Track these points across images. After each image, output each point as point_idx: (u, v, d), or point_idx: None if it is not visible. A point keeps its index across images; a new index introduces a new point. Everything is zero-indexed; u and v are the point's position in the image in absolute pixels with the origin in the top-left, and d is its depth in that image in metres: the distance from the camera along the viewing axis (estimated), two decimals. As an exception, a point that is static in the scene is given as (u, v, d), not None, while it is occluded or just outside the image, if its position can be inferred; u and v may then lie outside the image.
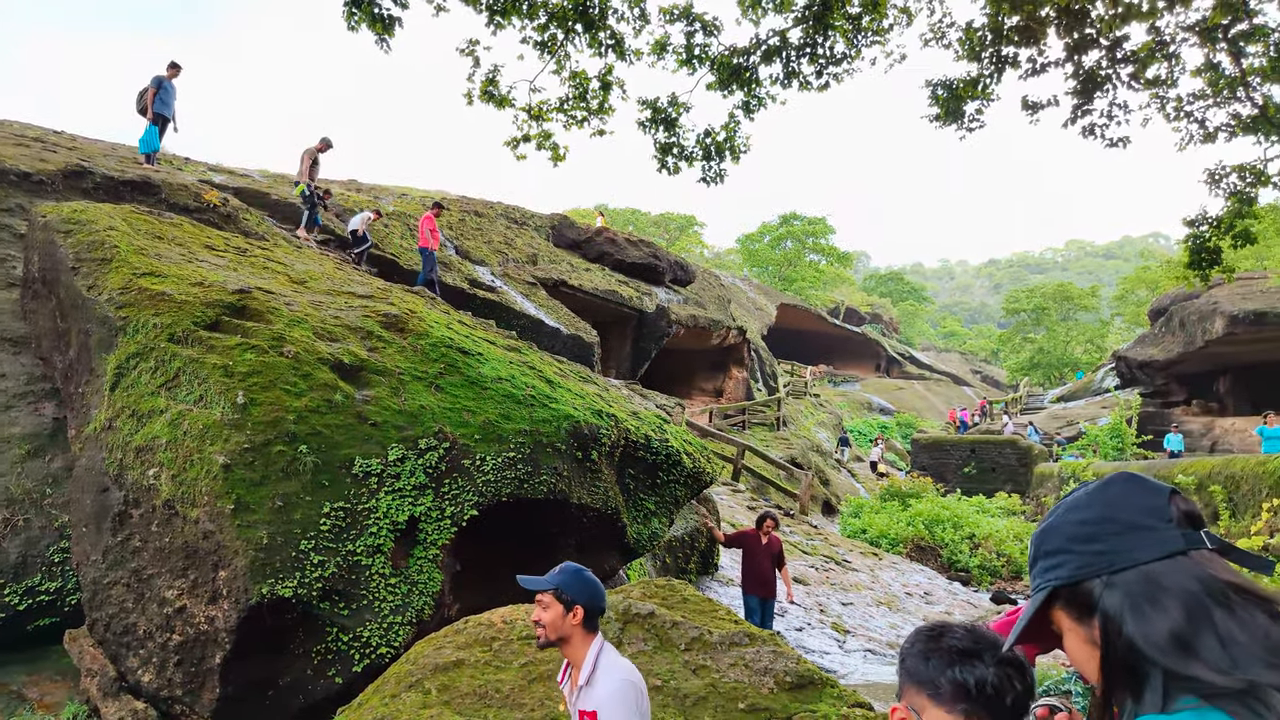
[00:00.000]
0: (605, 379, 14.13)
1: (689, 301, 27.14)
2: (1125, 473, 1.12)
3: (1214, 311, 24.63)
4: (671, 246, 54.04)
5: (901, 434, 37.65)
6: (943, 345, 71.35)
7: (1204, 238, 10.85)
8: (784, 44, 10.61)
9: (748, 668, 4.77)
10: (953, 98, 10.87)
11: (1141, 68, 10.83)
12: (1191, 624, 0.93)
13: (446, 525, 6.09)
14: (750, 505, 17.70)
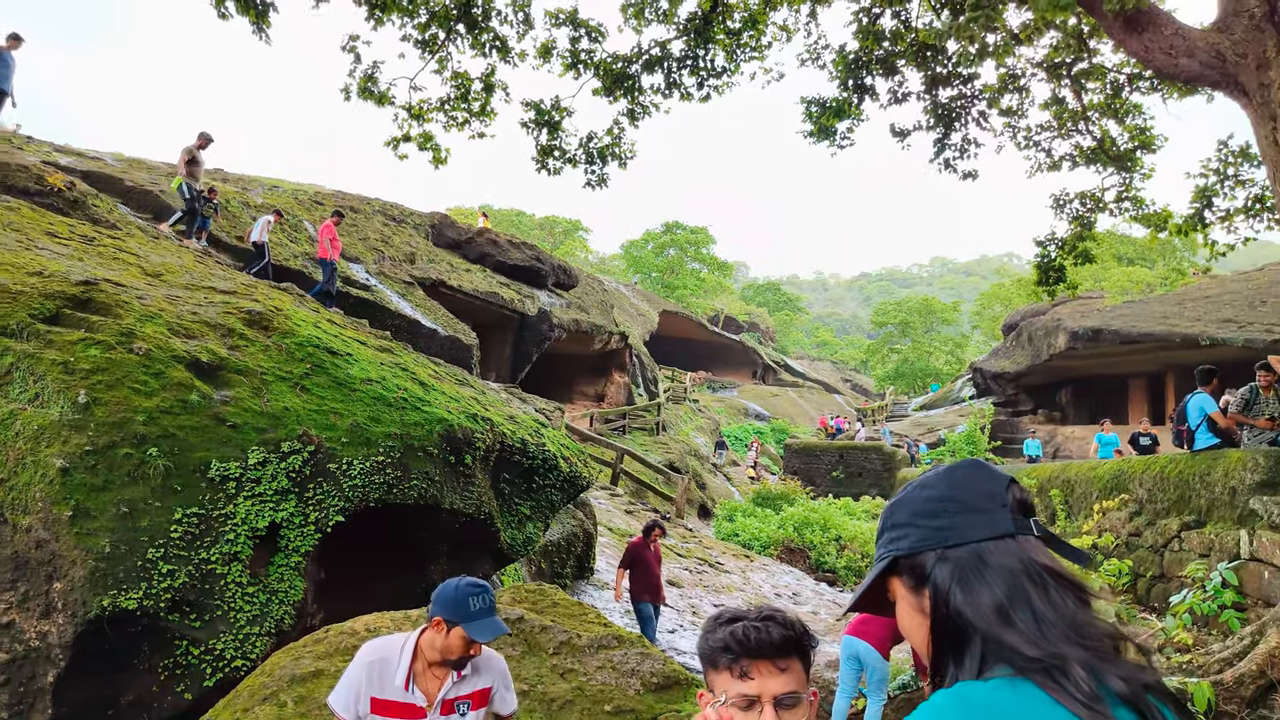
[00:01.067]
0: (484, 382, 13.95)
1: (572, 306, 27.13)
2: (973, 459, 1.21)
3: (1057, 328, 26.58)
4: (556, 250, 53.89)
5: (775, 439, 38.79)
6: (816, 354, 73.96)
7: (1051, 257, 11.68)
8: (666, 55, 10.80)
9: (615, 670, 4.82)
10: (825, 116, 11.31)
11: (995, 99, 11.56)
12: (1011, 600, 1.00)
13: (310, 531, 5.87)
14: (628, 509, 17.84)
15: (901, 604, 1.15)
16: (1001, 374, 31.51)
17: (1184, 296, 26.99)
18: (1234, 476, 7.45)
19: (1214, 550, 7.37)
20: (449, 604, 2.69)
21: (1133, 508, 9.19)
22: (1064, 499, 11.12)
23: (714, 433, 35.21)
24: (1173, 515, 8.34)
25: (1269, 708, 5.56)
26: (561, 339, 25.22)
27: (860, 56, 10.80)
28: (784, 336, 71.86)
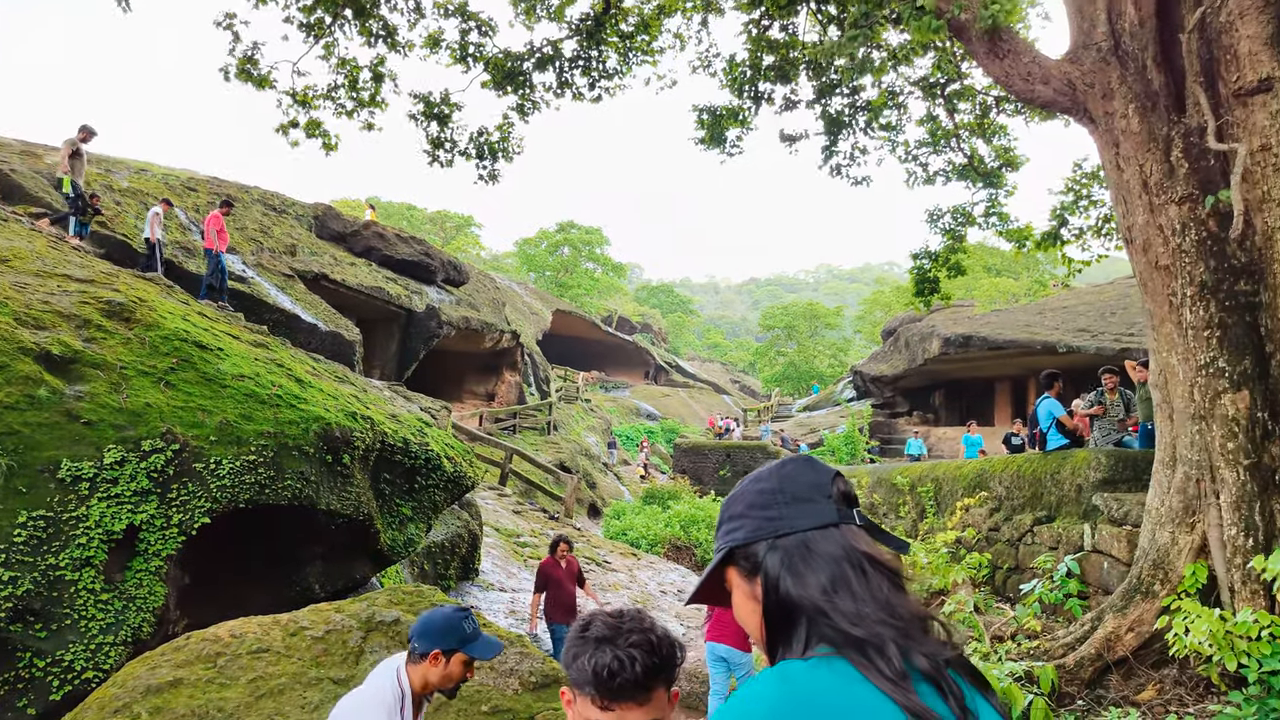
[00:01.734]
0: (366, 380, 13.58)
1: (462, 303, 26.70)
2: (802, 455, 1.28)
3: (931, 334, 27.94)
4: (447, 246, 52.87)
5: (666, 439, 39.26)
6: (707, 356, 75.22)
7: (926, 269, 12.23)
8: (558, 53, 10.78)
9: (493, 670, 4.80)
10: (716, 124, 11.53)
11: (876, 114, 12.05)
12: (833, 584, 1.08)
13: (173, 534, 5.60)
14: (516, 509, 17.70)
15: (737, 592, 1.21)
16: (880, 377, 32.87)
17: (1044, 307, 28.85)
18: (1080, 475, 8.05)
19: (1062, 543, 7.94)
20: (442, 633, 2.67)
21: (993, 504, 9.79)
22: (933, 496, 11.72)
23: (606, 432, 35.35)
24: (1027, 511, 8.93)
25: (1105, 688, 6.03)
26: (451, 336, 24.79)
27: (752, 65, 11.08)
28: (676, 338, 72.80)
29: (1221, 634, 5.22)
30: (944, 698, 1.01)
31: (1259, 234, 5.93)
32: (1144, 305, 6.69)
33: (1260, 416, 5.73)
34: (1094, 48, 6.72)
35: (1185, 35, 6.26)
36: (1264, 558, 5.34)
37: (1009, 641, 6.80)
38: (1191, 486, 6.05)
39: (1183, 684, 5.76)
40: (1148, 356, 7.09)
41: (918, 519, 11.94)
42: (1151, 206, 6.34)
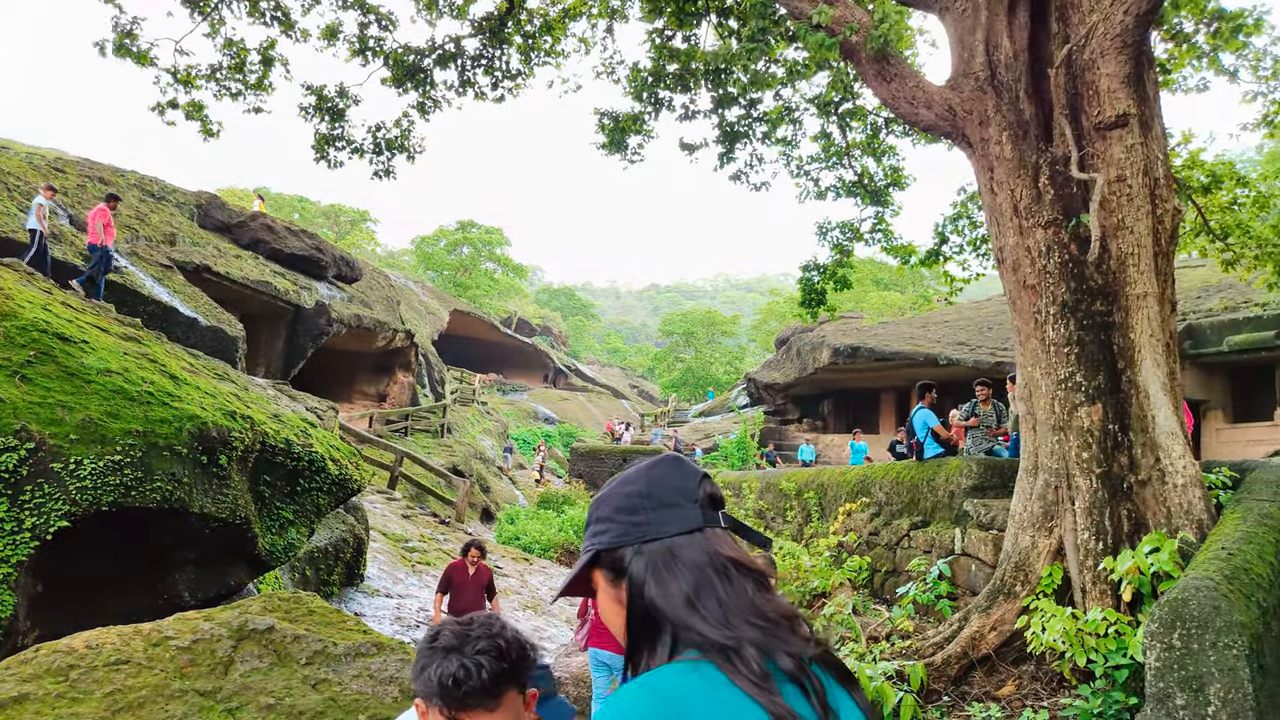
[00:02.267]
0: (249, 377, 13.03)
1: (354, 300, 25.93)
2: (671, 455, 1.28)
3: (822, 344, 28.85)
4: (341, 241, 51.28)
5: (563, 443, 39.14)
6: (606, 360, 75.43)
7: (814, 281, 12.58)
8: (460, 51, 10.64)
9: (373, 678, 4.68)
10: (618, 129, 11.59)
11: (773, 128, 12.36)
12: (698, 589, 1.09)
13: (25, 539, 5.23)
14: (406, 514, 17.30)
15: (602, 595, 1.21)
16: (772, 384, 33.70)
17: (928, 321, 30.21)
18: (953, 482, 8.47)
19: (935, 546, 8.33)
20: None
21: (873, 509, 10.18)
22: (818, 501, 12.09)
23: (502, 436, 34.96)
24: (905, 516, 9.33)
25: (969, 684, 6.35)
26: (341, 335, 24.04)
27: (654, 73, 11.19)
28: (576, 341, 72.72)
29: (1073, 631, 5.58)
30: (807, 696, 1.04)
31: (1114, 258, 6.38)
32: (1013, 322, 7.10)
33: (1111, 428, 6.16)
34: (972, 77, 7.10)
35: (1053, 70, 6.69)
36: (1112, 559, 5.74)
37: (884, 642, 7.08)
38: (1051, 493, 6.45)
39: (1039, 679, 6.12)
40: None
41: (803, 523, 12.29)
42: (1021, 229, 6.74)
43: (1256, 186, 11.86)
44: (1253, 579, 4.44)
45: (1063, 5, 6.88)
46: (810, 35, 6.95)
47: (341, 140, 11.01)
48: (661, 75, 11.11)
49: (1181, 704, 3.95)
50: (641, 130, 11.53)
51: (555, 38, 11.57)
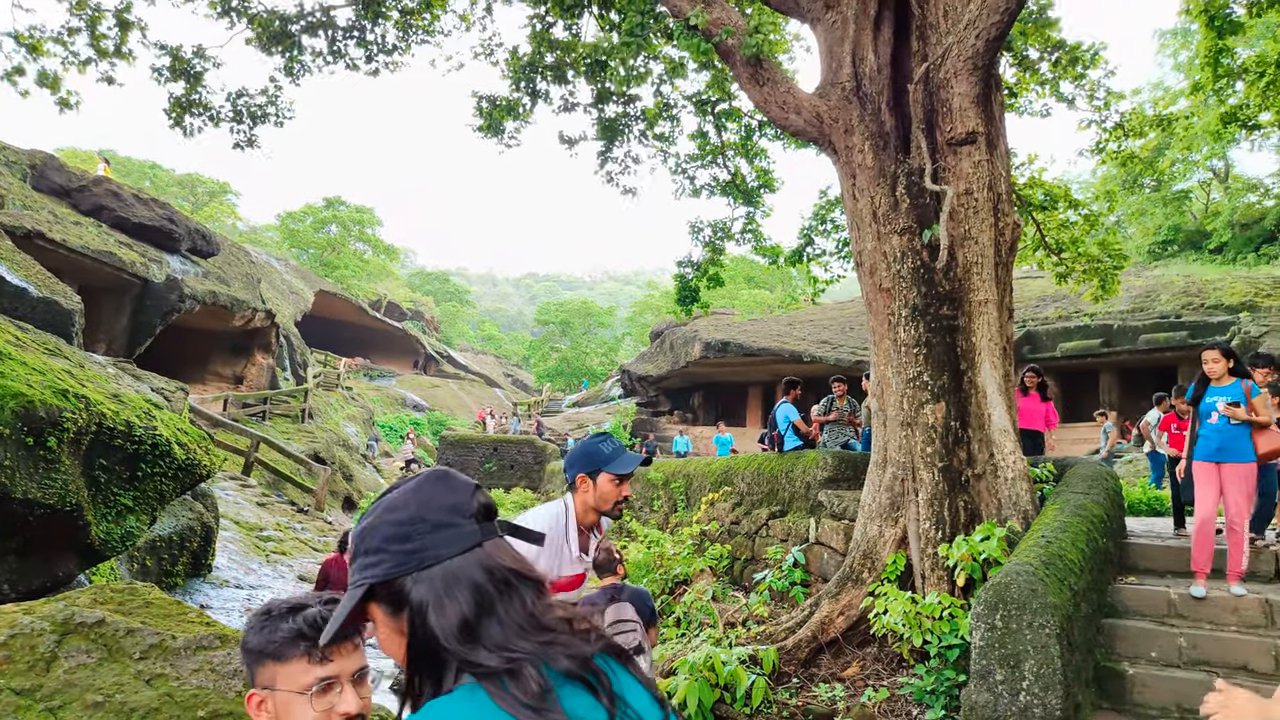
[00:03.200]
0: (87, 354, 12.12)
1: (210, 276, 24.47)
2: (437, 471, 1.24)
3: (694, 338, 29.43)
4: (198, 213, 48.27)
5: (432, 431, 38.30)
6: (480, 348, 74.25)
7: (687, 278, 12.79)
8: (329, 21, 10.21)
9: (214, 672, 4.47)
10: (495, 113, 11.42)
11: (651, 124, 12.47)
12: (478, 612, 1.08)
13: None
14: (261, 501, 16.52)
15: (382, 628, 1.16)
16: (646, 376, 34.12)
17: (795, 319, 31.32)
18: (809, 473, 8.85)
19: (791, 535, 8.69)
20: (582, 460, 2.88)
21: (735, 499, 10.50)
22: (684, 491, 12.35)
23: (368, 423, 33.87)
24: (764, 506, 9.68)
25: (818, 666, 6.67)
26: (195, 312, 22.64)
27: (532, 61, 11.08)
28: (449, 328, 71.19)
29: (913, 615, 5.95)
30: (594, 691, 1.07)
31: (960, 266, 6.82)
32: (869, 323, 7.47)
33: (953, 425, 6.59)
34: (839, 86, 7.41)
35: (912, 86, 7.08)
36: (948, 547, 6.15)
37: (740, 627, 7.33)
38: (898, 485, 6.85)
39: (881, 660, 6.50)
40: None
41: (670, 512, 12.53)
42: (879, 235, 7.10)
43: (1089, 206, 12.92)
44: (1066, 564, 4.87)
45: (923, 26, 7.27)
46: (687, 35, 7.07)
47: (199, 106, 10.37)
48: (540, 64, 11.02)
49: (1000, 679, 4.29)
50: (519, 116, 11.41)
51: (434, 15, 11.28)
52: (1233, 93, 11.71)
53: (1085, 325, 22.19)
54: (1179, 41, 34.27)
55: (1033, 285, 27.14)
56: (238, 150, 11.12)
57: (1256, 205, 34.76)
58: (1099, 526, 5.90)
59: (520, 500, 22.42)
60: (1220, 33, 10.21)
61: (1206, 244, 34.35)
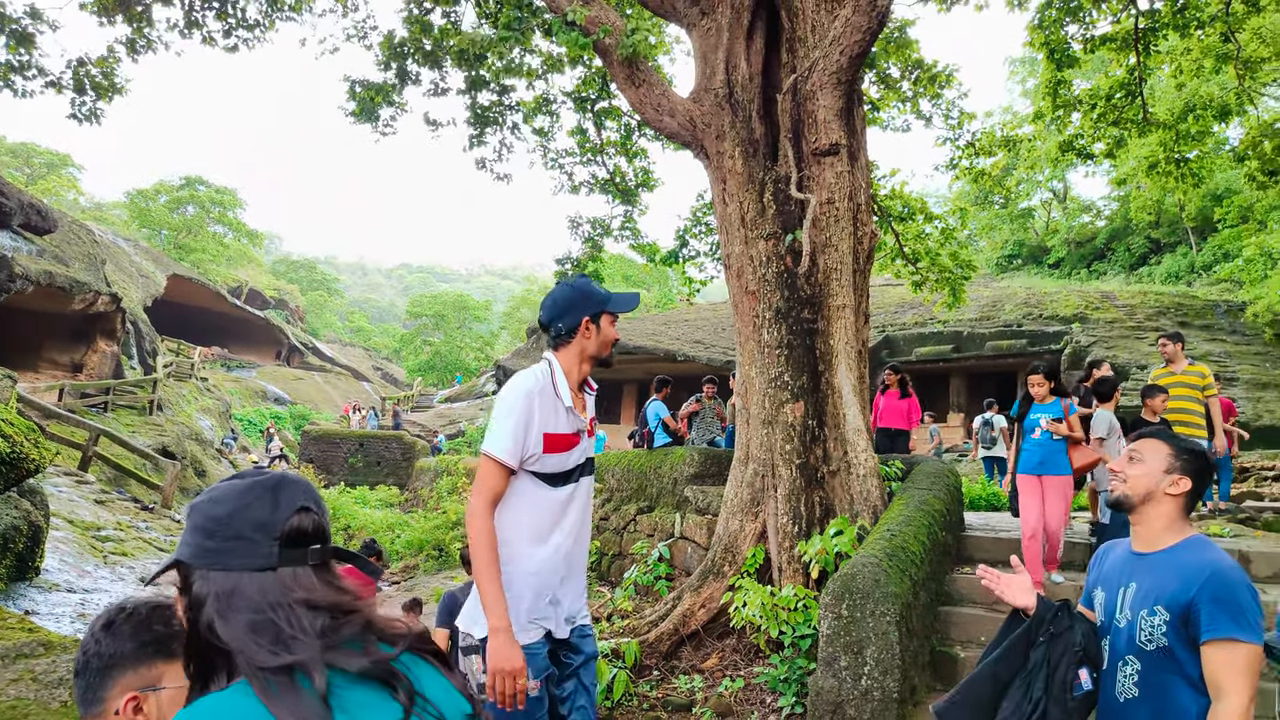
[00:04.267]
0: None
1: (46, 254, 22.58)
2: (273, 480, 1.22)
3: (571, 334, 29.41)
4: (32, 186, 44.42)
5: (295, 425, 36.69)
6: (349, 339, 71.64)
7: (566, 274, 12.81)
8: (184, -10, 9.62)
9: (36, 681, 4.16)
10: (368, 97, 11.06)
11: (530, 116, 12.38)
12: (254, 628, 1.08)
13: None
14: (100, 499, 15.38)
15: (179, 600, 1.17)
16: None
17: (670, 319, 31.81)
18: (676, 470, 9.02)
19: (658, 531, 8.84)
20: (581, 301, 2.68)
21: (605, 496, 10.58)
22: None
23: (224, 416, 32.11)
24: (633, 502, 9.80)
25: (679, 659, 6.82)
26: (28, 293, 20.85)
27: (407, 45, 10.79)
28: (316, 318, 68.30)
29: (769, 607, 6.18)
30: (392, 689, 1.08)
31: (821, 272, 7.12)
32: (736, 324, 7.68)
33: (810, 424, 6.87)
34: (713, 92, 7.59)
35: (781, 96, 7.33)
36: (804, 541, 6.42)
37: (604, 622, 7.40)
38: (759, 481, 7.08)
39: (739, 651, 6.70)
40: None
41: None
42: (746, 239, 7.31)
43: (945, 219, 13.73)
44: (908, 556, 5.18)
45: (792, 39, 7.54)
46: (565, 32, 7.07)
47: (34, 69, 9.56)
48: (414, 50, 10.74)
49: (845, 665, 4.52)
50: (394, 103, 11.10)
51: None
52: (1070, 123, 12.70)
53: (939, 331, 23.57)
54: (1027, 70, 36.87)
55: (893, 293, 28.59)
56: (75, 122, 10.32)
57: (1089, 225, 37.94)
58: (939, 520, 6.30)
59: (386, 498, 21.80)
60: (1059, 65, 11.06)
61: (1046, 259, 37.17)
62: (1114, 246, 35.57)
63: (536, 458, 2.59)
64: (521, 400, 2.56)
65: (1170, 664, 2.20)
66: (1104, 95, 11.55)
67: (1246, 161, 11.32)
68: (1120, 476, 2.40)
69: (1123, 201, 34.70)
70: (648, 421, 10.26)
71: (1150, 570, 2.32)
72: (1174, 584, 2.21)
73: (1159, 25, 10.49)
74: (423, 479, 23.40)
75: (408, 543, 15.64)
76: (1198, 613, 2.14)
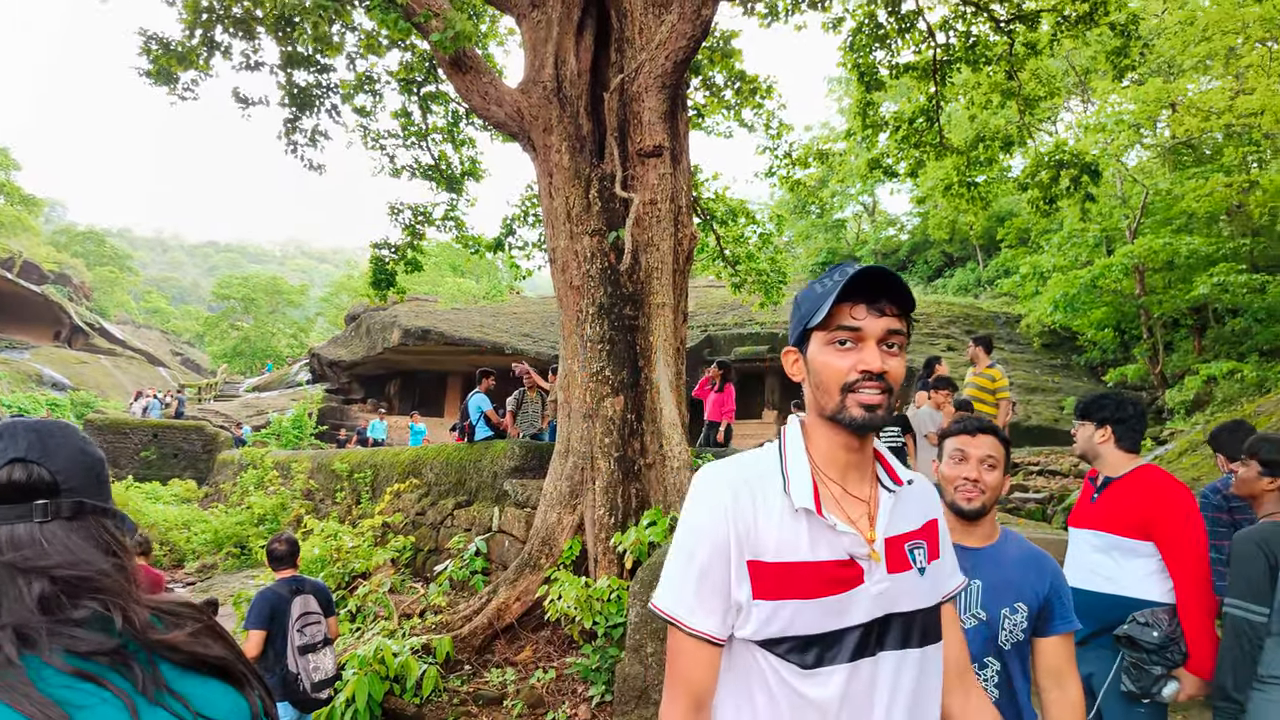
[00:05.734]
0: None
1: None
2: (6, 425, 1.12)
3: (393, 324, 28.43)
4: None
5: (77, 414, 33.19)
6: (144, 321, 65.67)
7: (384, 260, 12.31)
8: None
9: None
10: (166, 60, 10.17)
11: (351, 94, 11.82)
12: None
13: None
14: None
15: None
16: (338, 361, 32.35)
17: (499, 311, 31.44)
18: (497, 463, 8.96)
19: (475, 525, 8.74)
20: (793, 319, 1.51)
21: (423, 490, 10.33)
22: (370, 482, 11.92)
23: (-13, 401, 28.57)
24: (452, 496, 9.63)
25: (492, 652, 6.78)
26: None
27: (216, 9, 10.01)
28: (105, 296, 62.05)
29: (584, 598, 6.26)
30: (126, 680, 0.99)
31: (643, 270, 7.29)
32: (560, 319, 7.72)
33: (629, 417, 7.03)
34: (542, 85, 7.58)
35: (608, 95, 7.43)
36: (620, 533, 6.56)
37: (417, 618, 7.24)
38: (578, 474, 7.16)
39: (553, 643, 6.76)
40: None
41: (353, 504, 12.02)
42: (572, 234, 7.36)
43: (764, 225, 14.39)
44: (715, 545, 5.41)
45: (620, 40, 7.66)
46: (384, 9, 6.84)
47: None
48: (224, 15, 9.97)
49: (651, 651, 4.67)
50: (195, 67, 10.26)
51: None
52: (877, 142, 13.64)
53: (756, 332, 24.71)
54: (843, 89, 39.27)
55: (716, 294, 29.67)
56: None
57: (894, 238, 41.05)
58: (746, 511, 6.61)
59: (182, 493, 20.21)
60: (869, 87, 11.86)
61: (856, 268, 39.76)
62: (915, 259, 38.67)
63: (754, 614, 1.37)
64: (705, 504, 1.43)
65: (1020, 659, 2.21)
66: (907, 119, 12.49)
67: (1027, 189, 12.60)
68: (980, 486, 2.27)
69: (923, 218, 37.79)
70: (469, 414, 10.10)
71: (992, 566, 2.25)
72: (1028, 578, 2.21)
73: (954, 59, 11.48)
74: (225, 473, 21.85)
75: (205, 540, 14.57)
76: (1052, 606, 2.20)
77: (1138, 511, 3.04)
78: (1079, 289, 19.05)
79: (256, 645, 4.60)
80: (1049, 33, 10.87)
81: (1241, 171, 19.19)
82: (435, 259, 46.57)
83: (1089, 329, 21.03)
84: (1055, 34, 10.77)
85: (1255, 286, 16.49)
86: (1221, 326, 19.21)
